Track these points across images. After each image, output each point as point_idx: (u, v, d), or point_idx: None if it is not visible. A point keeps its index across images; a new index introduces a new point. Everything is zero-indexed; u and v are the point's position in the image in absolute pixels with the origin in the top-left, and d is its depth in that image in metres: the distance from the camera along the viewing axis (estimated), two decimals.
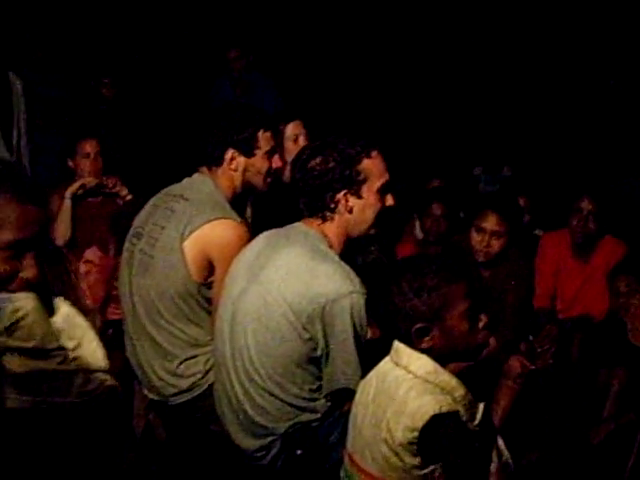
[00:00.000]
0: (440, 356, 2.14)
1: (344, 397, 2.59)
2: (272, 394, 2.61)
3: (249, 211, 3.58)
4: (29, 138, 5.00)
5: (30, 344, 1.65)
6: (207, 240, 2.89)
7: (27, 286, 1.71)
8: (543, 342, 3.68)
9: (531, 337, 3.58)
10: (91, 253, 3.98)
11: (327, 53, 7.46)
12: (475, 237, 3.91)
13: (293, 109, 4.65)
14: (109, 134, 5.45)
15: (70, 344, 2.06)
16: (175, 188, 3.09)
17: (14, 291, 1.67)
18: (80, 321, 2.05)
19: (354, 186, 2.62)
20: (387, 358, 2.24)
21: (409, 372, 2.13)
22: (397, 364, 2.18)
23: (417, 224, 5.00)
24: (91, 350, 1.85)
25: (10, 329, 1.62)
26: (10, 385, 1.62)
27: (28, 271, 1.74)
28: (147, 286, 2.97)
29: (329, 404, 2.65)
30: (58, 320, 2.08)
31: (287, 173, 3.74)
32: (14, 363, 1.62)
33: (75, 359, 1.95)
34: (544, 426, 3.60)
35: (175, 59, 7.18)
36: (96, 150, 4.56)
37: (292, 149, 3.76)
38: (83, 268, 3.91)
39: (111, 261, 3.93)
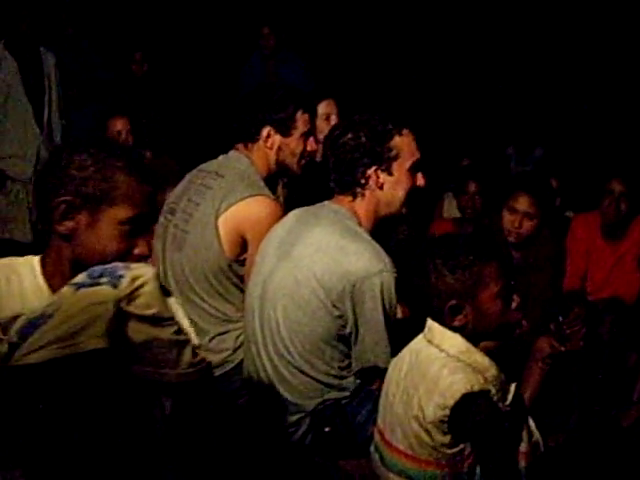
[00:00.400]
0: (472, 335, 2.14)
1: (373, 375, 2.61)
2: (301, 371, 2.62)
3: (282, 191, 3.59)
4: (61, 113, 5.04)
5: (150, 312, 1.66)
6: (241, 217, 2.90)
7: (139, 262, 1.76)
8: (572, 324, 3.65)
9: (561, 318, 3.55)
10: None
11: (357, 31, 7.43)
12: (507, 217, 3.89)
13: (324, 87, 4.65)
14: (140, 111, 5.48)
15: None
16: (210, 164, 3.11)
17: None
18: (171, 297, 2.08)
19: (385, 162, 2.61)
20: (420, 336, 2.25)
21: (442, 350, 2.14)
22: (430, 342, 2.18)
23: (446, 203, 5.01)
24: (186, 325, 1.87)
25: (131, 297, 1.65)
26: (130, 355, 1.65)
27: (141, 248, 1.82)
28: (180, 261, 2.99)
29: (358, 382, 2.66)
30: None
31: (319, 153, 3.76)
32: (134, 331, 1.64)
33: None
34: (573, 408, 3.59)
35: (207, 36, 7.18)
36: (127, 128, 4.59)
37: (324, 128, 3.77)
38: None
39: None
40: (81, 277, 1.67)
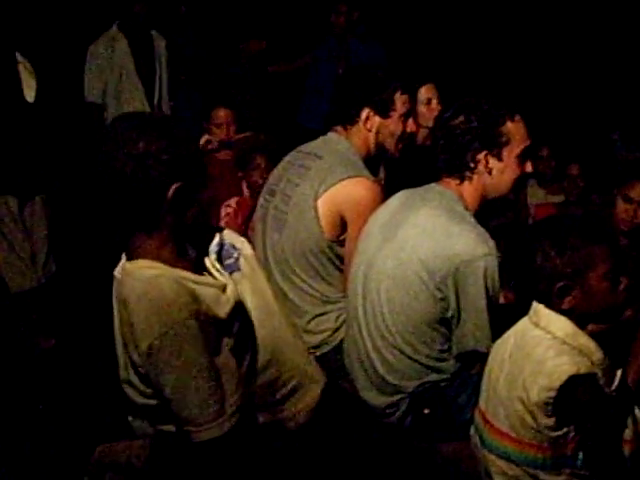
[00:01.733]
0: (580, 317, 2.12)
1: (473, 359, 2.60)
2: (402, 352, 2.63)
3: (382, 173, 3.60)
4: (170, 95, 5.14)
5: None
6: (341, 198, 2.92)
7: None
8: None
9: None
10: (232, 200, 4.09)
11: (443, 9, 7.28)
12: (621, 206, 3.82)
13: (423, 71, 4.60)
14: (245, 94, 5.55)
15: None
16: (309, 146, 3.14)
17: None
18: None
19: (495, 147, 2.60)
20: (525, 318, 2.24)
21: (548, 332, 2.12)
22: (536, 325, 2.17)
23: (529, 189, 5.05)
24: None
25: None
26: None
27: None
28: (280, 242, 3.02)
29: (458, 365, 2.65)
30: None
31: (420, 137, 3.75)
32: None
33: None
34: None
35: (284, 18, 7.11)
36: (229, 119, 4.64)
37: (425, 112, 3.76)
38: (223, 211, 4.02)
39: (247, 201, 4.03)
40: None
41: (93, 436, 2.80)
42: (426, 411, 2.67)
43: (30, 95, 4.07)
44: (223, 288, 2.06)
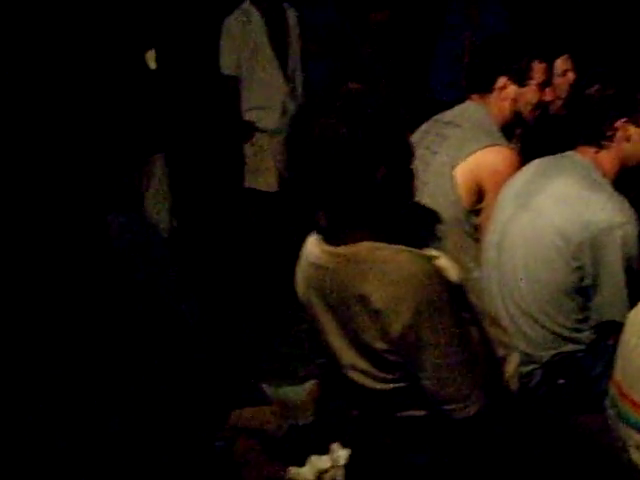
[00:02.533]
0: None
1: (609, 330, 2.56)
2: (538, 322, 2.61)
3: (516, 142, 3.57)
4: (302, 67, 5.20)
5: None
6: (479, 167, 2.92)
7: None
8: None
9: None
10: None
11: None
12: None
13: (559, 40, 4.48)
14: (374, 65, 5.54)
15: None
16: (446, 115, 3.14)
17: None
18: None
19: (634, 114, 2.56)
20: None
21: None
22: None
23: None
24: None
25: None
26: None
27: None
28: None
29: (594, 336, 2.62)
30: None
31: (554, 107, 3.69)
32: None
33: None
34: None
35: None
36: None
37: (561, 83, 3.70)
38: None
39: None
40: None
41: (227, 401, 2.89)
42: (561, 381, 2.66)
43: (151, 64, 4.25)
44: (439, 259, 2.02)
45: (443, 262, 1.99)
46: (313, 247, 2.07)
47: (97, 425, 2.37)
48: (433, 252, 2.02)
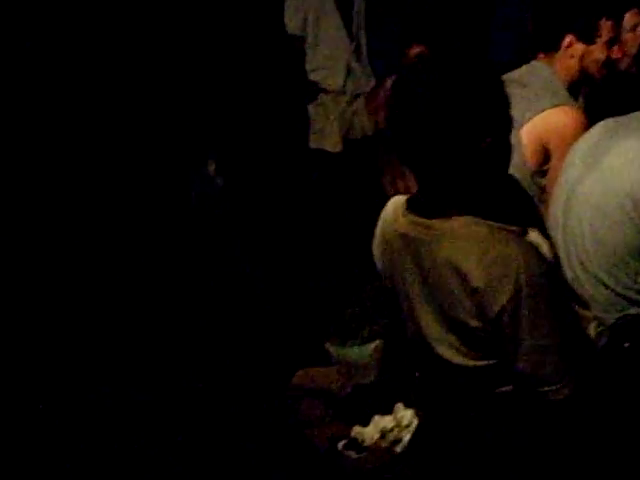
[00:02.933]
0: None
1: None
2: (603, 283, 2.58)
3: (581, 101, 3.52)
4: (367, 26, 5.16)
5: None
6: (545, 127, 2.89)
7: None
8: None
9: None
10: None
11: None
12: None
13: None
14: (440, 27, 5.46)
15: None
16: (513, 74, 3.09)
17: None
18: None
19: None
20: None
21: None
22: None
23: None
24: None
25: None
26: None
27: None
28: None
29: None
30: None
31: (623, 64, 3.61)
32: None
33: None
34: None
35: None
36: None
37: (630, 39, 3.62)
38: None
39: None
40: None
41: (292, 360, 2.91)
42: (626, 345, 2.63)
43: None
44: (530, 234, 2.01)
45: (534, 237, 1.98)
46: (397, 216, 2.06)
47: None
48: (526, 228, 2.01)
